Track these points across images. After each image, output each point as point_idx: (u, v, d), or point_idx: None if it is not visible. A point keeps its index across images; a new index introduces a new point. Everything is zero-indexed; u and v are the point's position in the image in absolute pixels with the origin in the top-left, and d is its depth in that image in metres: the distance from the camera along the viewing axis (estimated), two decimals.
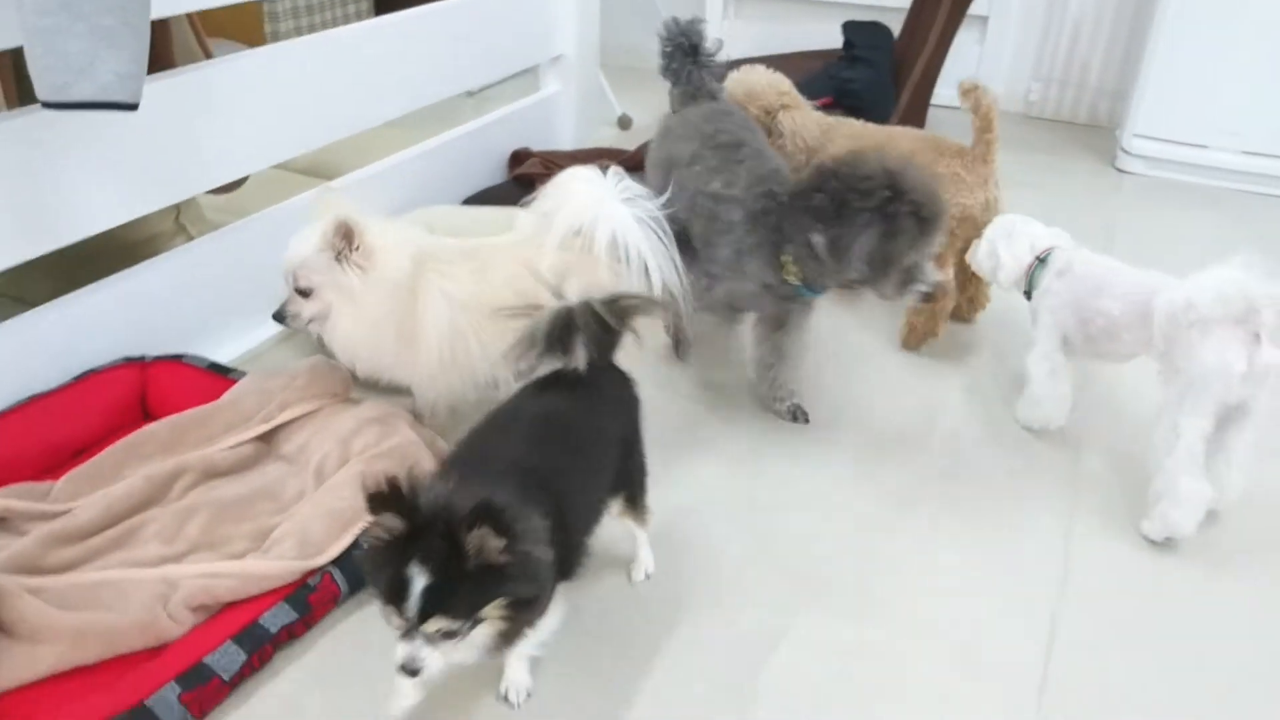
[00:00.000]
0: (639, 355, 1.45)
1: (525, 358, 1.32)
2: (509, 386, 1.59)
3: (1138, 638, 1.48)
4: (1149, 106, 3.15)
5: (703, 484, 1.78)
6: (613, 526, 1.46)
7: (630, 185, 1.64)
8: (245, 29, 3.47)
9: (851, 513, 1.72)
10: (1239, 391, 1.55)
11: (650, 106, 3.71)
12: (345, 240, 1.60)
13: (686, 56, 2.03)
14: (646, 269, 1.63)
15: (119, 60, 1.46)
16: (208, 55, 2.03)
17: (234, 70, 1.99)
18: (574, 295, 1.36)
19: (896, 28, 3.36)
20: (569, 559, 1.22)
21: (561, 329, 1.31)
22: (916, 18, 3.27)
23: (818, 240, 1.62)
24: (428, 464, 1.55)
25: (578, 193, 1.64)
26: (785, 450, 1.88)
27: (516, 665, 1.32)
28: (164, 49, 1.90)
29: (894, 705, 1.36)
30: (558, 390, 1.34)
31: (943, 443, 1.92)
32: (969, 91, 2.03)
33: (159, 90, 1.81)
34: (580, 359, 1.31)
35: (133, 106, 1.51)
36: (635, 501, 1.44)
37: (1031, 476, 1.82)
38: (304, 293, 1.64)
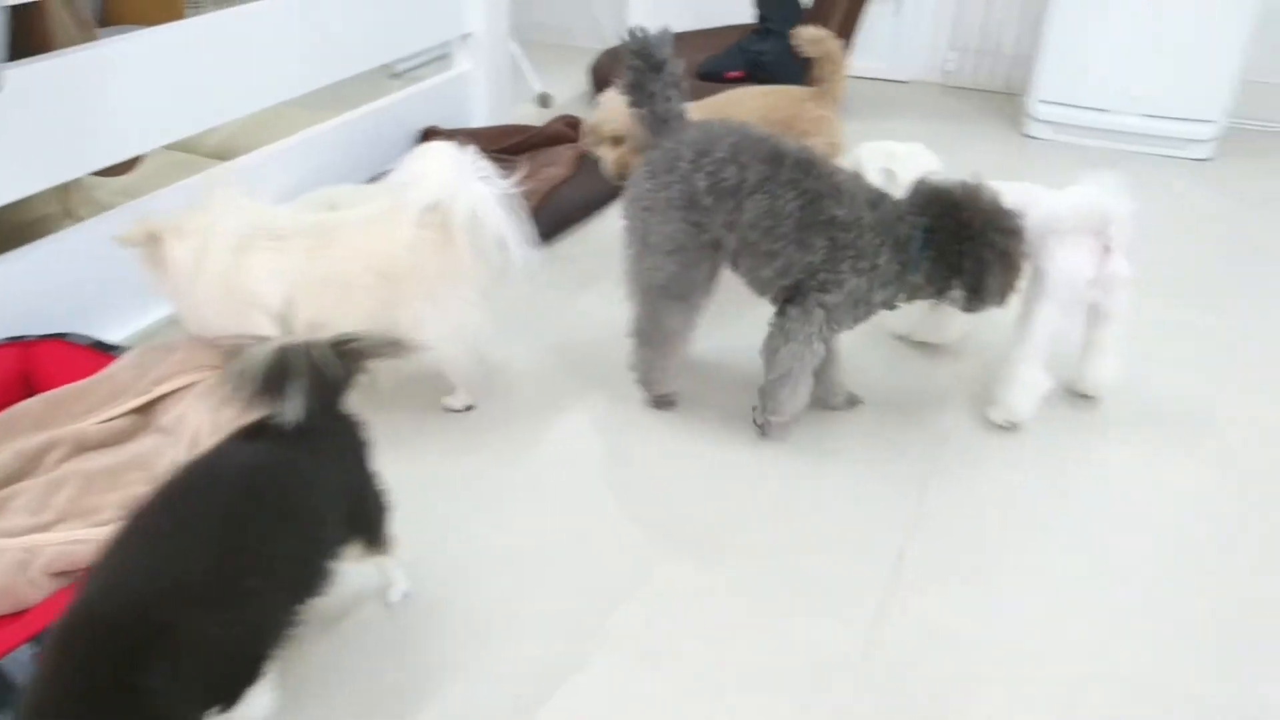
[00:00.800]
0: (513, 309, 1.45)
1: (237, 397, 1.18)
2: None
3: (978, 577, 1.55)
4: (1052, 72, 3.22)
5: (564, 440, 1.84)
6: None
7: (484, 164, 1.67)
8: (168, 16, 3.45)
9: (713, 460, 1.78)
10: (1089, 295, 1.74)
11: (572, 84, 3.74)
12: (145, 241, 1.68)
13: (654, 74, 1.71)
14: (503, 246, 1.68)
15: None
16: (89, 38, 2.05)
17: (117, 51, 2.00)
18: (301, 329, 1.22)
19: None
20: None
21: (277, 372, 1.16)
22: None
23: (956, 295, 1.68)
24: None
25: (436, 167, 1.67)
26: (644, 404, 1.93)
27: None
28: (40, 33, 1.92)
29: (734, 644, 1.42)
30: (268, 444, 1.20)
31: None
32: (816, 40, 2.18)
33: (39, 71, 1.83)
34: (295, 409, 1.16)
35: None
36: (375, 540, 1.37)
37: (900, 415, 1.89)
38: None
